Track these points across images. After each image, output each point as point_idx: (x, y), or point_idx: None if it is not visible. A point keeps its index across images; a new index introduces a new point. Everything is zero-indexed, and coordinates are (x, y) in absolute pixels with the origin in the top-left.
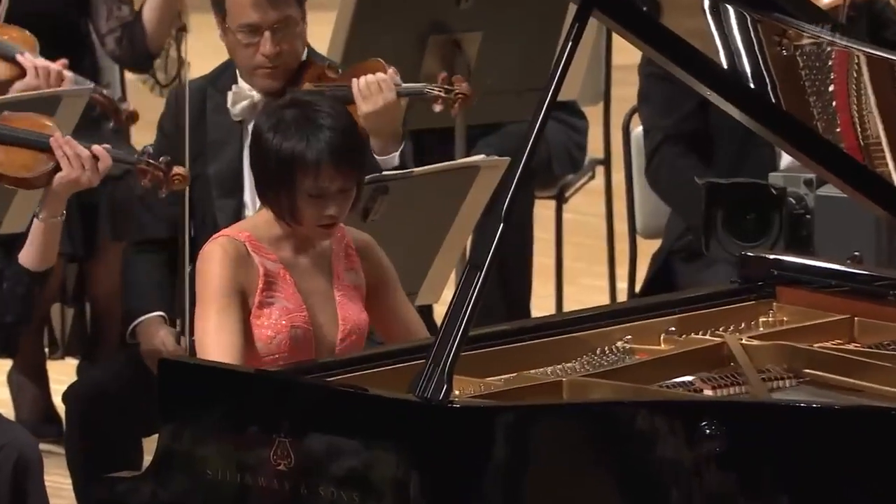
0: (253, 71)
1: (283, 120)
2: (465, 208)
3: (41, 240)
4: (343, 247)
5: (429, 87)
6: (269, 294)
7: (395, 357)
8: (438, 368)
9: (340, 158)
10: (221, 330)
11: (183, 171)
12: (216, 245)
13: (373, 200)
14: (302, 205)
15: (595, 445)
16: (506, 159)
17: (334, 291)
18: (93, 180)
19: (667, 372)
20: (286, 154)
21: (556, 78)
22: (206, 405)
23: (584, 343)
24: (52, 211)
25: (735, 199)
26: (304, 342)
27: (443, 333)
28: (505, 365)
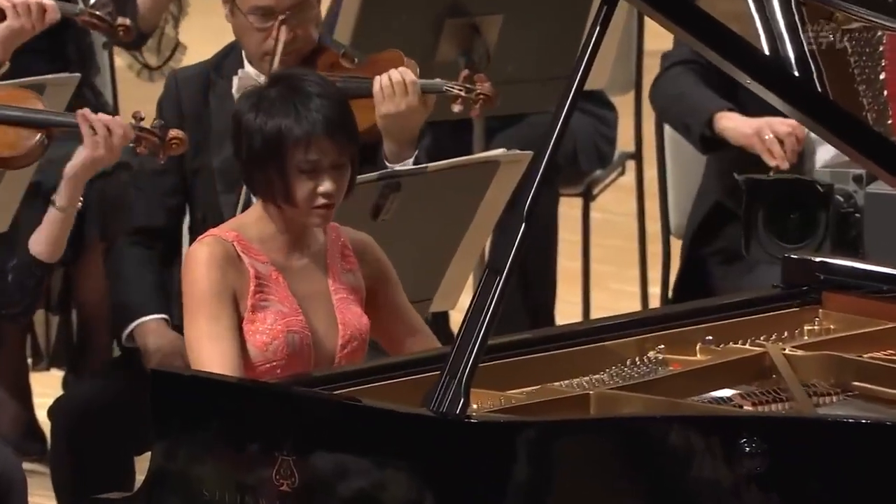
0: (263, 56)
1: (265, 98)
2: (483, 207)
3: (58, 230)
4: (339, 247)
5: (448, 86)
6: (261, 298)
7: (408, 368)
8: (455, 380)
9: (334, 128)
10: (215, 338)
11: (180, 135)
12: (202, 246)
13: (384, 198)
14: (295, 182)
15: (625, 464)
16: (528, 153)
17: (332, 294)
18: (112, 158)
19: (703, 385)
20: (272, 131)
21: (582, 65)
22: (203, 420)
23: (613, 353)
24: (72, 198)
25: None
26: (302, 349)
27: (459, 343)
28: (527, 377)
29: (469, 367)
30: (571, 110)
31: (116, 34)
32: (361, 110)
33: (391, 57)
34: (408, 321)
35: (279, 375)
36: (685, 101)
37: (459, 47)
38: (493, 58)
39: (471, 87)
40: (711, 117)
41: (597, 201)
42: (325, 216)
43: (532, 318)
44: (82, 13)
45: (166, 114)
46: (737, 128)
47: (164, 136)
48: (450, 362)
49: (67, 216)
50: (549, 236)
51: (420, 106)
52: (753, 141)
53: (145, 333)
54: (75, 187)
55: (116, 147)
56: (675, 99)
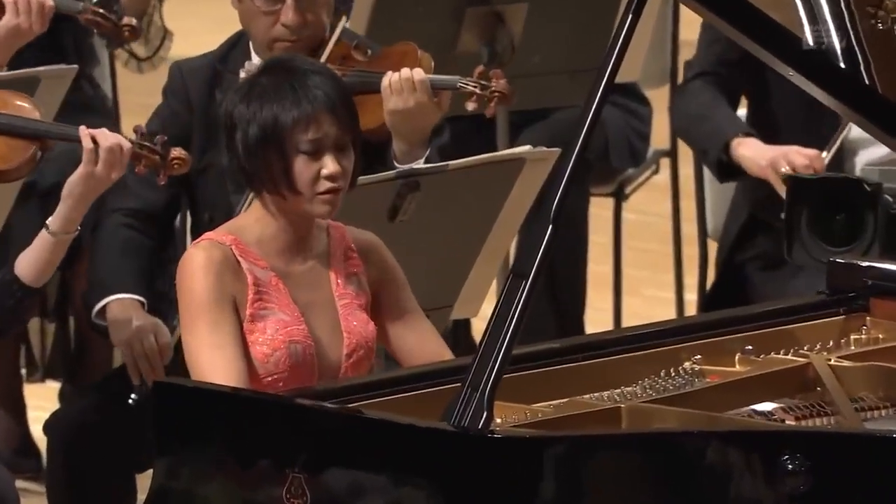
0: (271, 44)
1: (257, 86)
2: (508, 207)
3: (48, 255)
4: (343, 249)
5: (462, 82)
6: (261, 306)
7: (426, 380)
8: (477, 393)
9: (334, 104)
10: (217, 347)
11: (183, 155)
12: (198, 250)
13: (401, 198)
14: (297, 166)
15: (659, 483)
16: (556, 151)
17: (335, 301)
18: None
19: (742, 397)
20: (269, 115)
21: (613, 56)
22: (209, 435)
23: (646, 364)
24: (67, 222)
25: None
26: (305, 359)
27: (482, 353)
28: (554, 389)
29: (492, 378)
30: (602, 104)
31: (121, 35)
32: (372, 106)
33: (404, 50)
34: (418, 328)
35: (282, 388)
36: (704, 124)
37: (482, 37)
38: (518, 48)
39: (486, 84)
40: (728, 143)
41: (629, 201)
42: (331, 202)
43: (560, 327)
44: (85, 10)
45: (174, 104)
46: (753, 157)
47: (166, 155)
48: (471, 373)
49: (60, 242)
50: (579, 239)
51: (431, 104)
52: (768, 172)
53: (118, 310)
54: (72, 209)
55: (117, 165)
56: (695, 120)
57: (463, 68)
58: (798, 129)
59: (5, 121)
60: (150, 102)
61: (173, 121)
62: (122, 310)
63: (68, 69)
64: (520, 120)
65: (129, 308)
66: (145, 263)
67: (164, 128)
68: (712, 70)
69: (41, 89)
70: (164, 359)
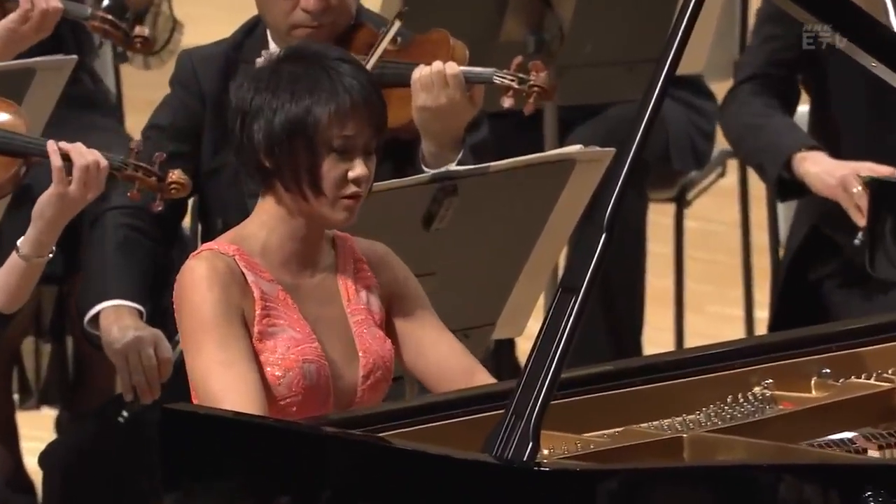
0: (290, 31)
1: (281, 74)
2: (556, 214)
3: (16, 280)
4: (352, 261)
5: (498, 75)
6: (269, 322)
7: (464, 406)
8: (522, 421)
9: (371, 101)
10: (230, 366)
11: (182, 179)
12: (199, 262)
13: (437, 204)
14: (326, 164)
15: None
16: (610, 151)
17: (348, 317)
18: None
19: (819, 426)
20: (300, 105)
21: (674, 45)
22: (222, 468)
23: (711, 389)
24: (38, 245)
25: None
26: (320, 381)
27: (527, 376)
28: (608, 416)
29: (539, 404)
30: (661, 99)
31: (132, 46)
32: (401, 101)
33: (436, 38)
34: (442, 344)
35: (296, 413)
36: (760, 135)
37: (528, 25)
38: (568, 37)
39: (524, 78)
40: (790, 158)
41: (692, 207)
42: (351, 209)
43: (614, 347)
44: (93, 17)
45: (184, 95)
46: (819, 174)
47: (164, 177)
48: (516, 399)
49: (32, 267)
50: (636, 249)
51: (464, 101)
52: (837, 192)
53: (113, 318)
54: (43, 232)
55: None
56: (749, 131)
57: (506, 59)
58: (861, 135)
59: None
60: (157, 98)
61: (184, 113)
62: (117, 317)
63: (66, 60)
64: (570, 116)
65: (126, 316)
66: (146, 268)
67: (174, 120)
68: (763, 72)
69: (37, 82)
70: (164, 375)
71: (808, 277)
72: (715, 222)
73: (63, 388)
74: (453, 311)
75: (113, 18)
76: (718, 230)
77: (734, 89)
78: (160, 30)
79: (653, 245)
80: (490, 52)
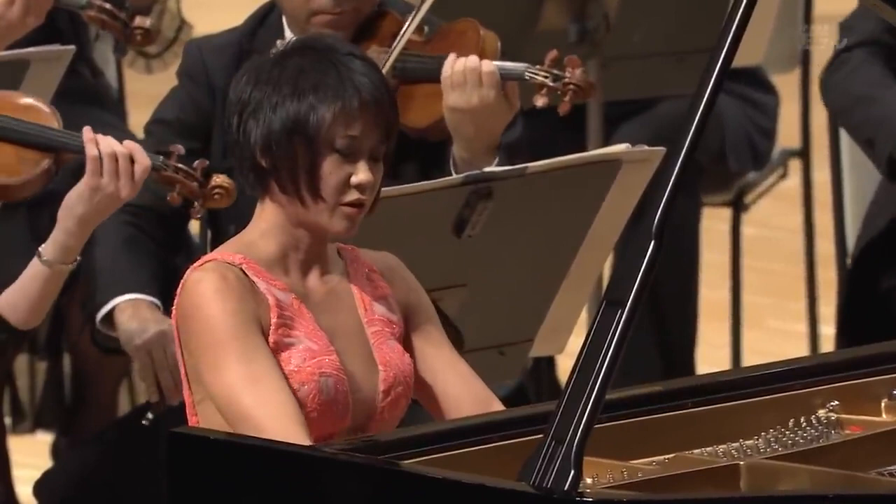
0: (310, 17)
1: (284, 67)
2: (600, 220)
3: (40, 290)
4: (363, 271)
5: (531, 71)
6: (285, 332)
7: (499, 430)
8: (563, 447)
9: (380, 101)
10: (258, 380)
11: (226, 183)
12: (207, 272)
13: (470, 209)
14: (327, 166)
15: None
16: (660, 150)
17: (365, 329)
18: (125, 195)
19: (890, 453)
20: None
21: (730, 34)
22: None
23: (771, 412)
24: (67, 252)
25: None
26: (337, 396)
27: (569, 397)
28: (658, 442)
29: (581, 428)
30: (716, 94)
31: (132, 38)
32: (426, 98)
33: (464, 28)
34: (457, 366)
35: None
36: (873, 107)
37: (569, 12)
38: (614, 25)
39: (558, 74)
40: None
41: (750, 213)
42: (352, 219)
43: (665, 365)
44: (90, 6)
45: (192, 89)
46: None
47: (207, 182)
48: (556, 423)
49: (56, 275)
50: (688, 258)
51: (499, 101)
52: None
53: (130, 312)
54: (71, 234)
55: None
56: (859, 101)
57: (545, 51)
58: None
59: (18, 127)
60: (162, 93)
61: (192, 107)
62: (135, 311)
63: (63, 50)
64: (616, 112)
65: (145, 309)
66: (156, 267)
67: (180, 115)
68: (876, 38)
69: (31, 74)
70: None
71: (879, 288)
72: (775, 228)
73: (60, 411)
74: (487, 327)
75: (111, 8)
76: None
77: (842, 53)
78: (165, 28)
79: (707, 253)
80: (527, 43)
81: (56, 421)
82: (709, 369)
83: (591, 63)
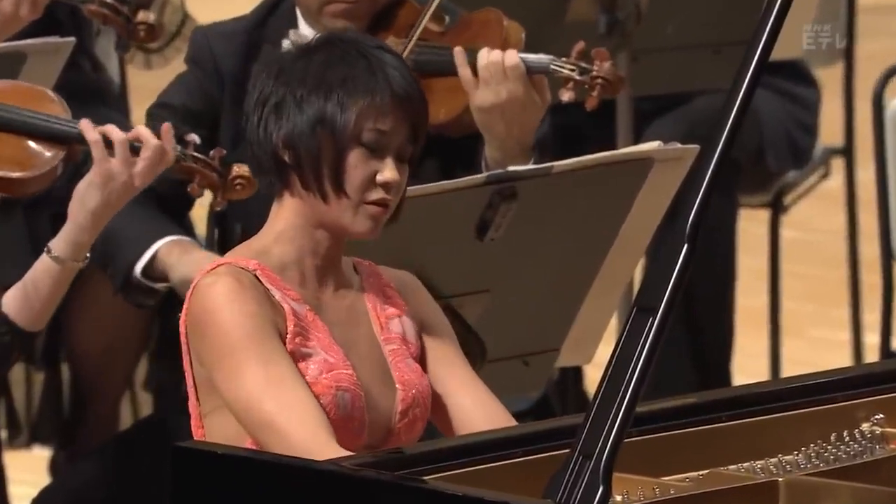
0: (321, 8)
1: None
2: (630, 222)
3: (49, 289)
4: (379, 287)
5: (556, 64)
6: (301, 343)
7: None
8: (591, 462)
9: (413, 96)
10: (282, 383)
11: (247, 173)
12: (220, 277)
13: (493, 210)
14: (352, 160)
15: None
16: (694, 148)
17: (381, 346)
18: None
19: None
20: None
21: (768, 26)
22: None
23: (811, 425)
24: (78, 248)
25: None
26: (354, 412)
27: (597, 409)
28: (691, 457)
29: (610, 443)
30: (753, 88)
31: (135, 34)
32: (447, 93)
33: (486, 18)
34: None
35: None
36: None
37: (599, 2)
38: (646, 16)
39: (586, 67)
40: None
41: (790, 215)
42: (376, 219)
43: (700, 376)
44: (91, 0)
45: (199, 74)
46: None
47: (227, 173)
48: (583, 437)
49: (66, 272)
50: (724, 263)
51: (529, 95)
52: None
53: (176, 250)
54: (82, 227)
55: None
56: None
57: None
58: None
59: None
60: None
61: (199, 94)
62: (182, 250)
63: (62, 43)
64: (647, 108)
65: (192, 248)
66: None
67: (187, 101)
68: None
69: (28, 68)
70: None
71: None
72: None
73: (58, 424)
74: (510, 335)
75: (113, 2)
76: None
77: None
78: (167, 22)
79: (744, 258)
80: (554, 35)
81: (54, 435)
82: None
83: (621, 55)
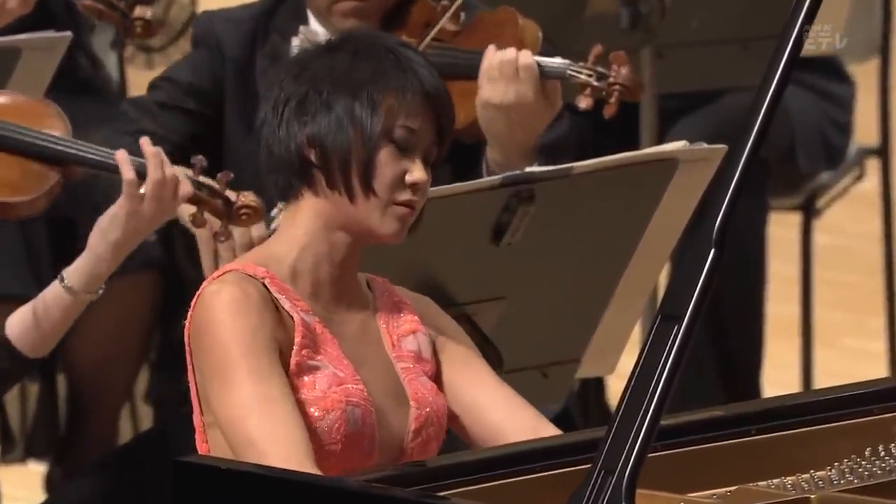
0: (330, 7)
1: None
2: (654, 225)
3: (58, 319)
4: (392, 303)
5: (573, 69)
6: (309, 355)
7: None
8: (613, 477)
9: (443, 96)
10: (269, 401)
11: (254, 203)
12: (225, 284)
13: (509, 213)
14: (382, 157)
15: None
16: (721, 148)
17: (393, 363)
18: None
19: None
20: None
21: (799, 19)
22: None
23: (845, 439)
24: (94, 280)
25: None
26: (364, 429)
27: (619, 422)
28: (719, 472)
29: (633, 457)
30: (783, 85)
31: (131, 31)
32: (463, 97)
33: (502, 18)
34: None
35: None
36: None
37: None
38: (671, 9)
39: (603, 73)
40: None
41: (823, 218)
42: (403, 220)
43: (727, 388)
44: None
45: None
46: None
47: (234, 202)
48: (605, 451)
49: (77, 304)
50: (753, 268)
51: (537, 99)
52: None
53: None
54: (101, 259)
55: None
56: None
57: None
58: None
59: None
60: None
61: (207, 72)
62: None
63: (58, 38)
64: (672, 106)
65: None
66: None
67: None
68: None
69: (22, 65)
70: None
71: None
72: (851, 236)
73: (54, 438)
74: (528, 345)
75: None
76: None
77: None
78: (173, 20)
79: (775, 264)
80: (574, 30)
81: (50, 449)
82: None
83: (644, 52)
